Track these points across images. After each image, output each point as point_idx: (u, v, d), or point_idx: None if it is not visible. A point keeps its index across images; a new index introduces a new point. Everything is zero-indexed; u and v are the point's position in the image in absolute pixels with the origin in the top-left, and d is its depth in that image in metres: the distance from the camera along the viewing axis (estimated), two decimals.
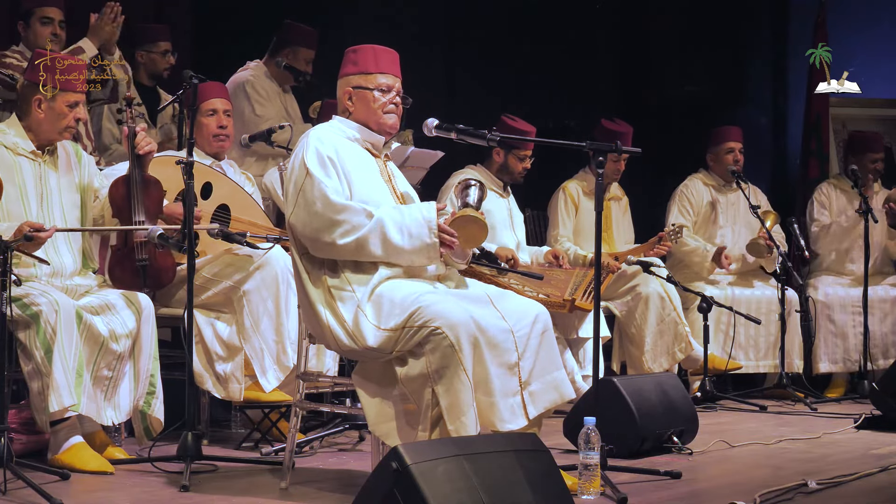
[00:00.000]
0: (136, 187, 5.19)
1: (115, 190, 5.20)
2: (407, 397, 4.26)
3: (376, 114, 4.60)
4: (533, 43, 8.63)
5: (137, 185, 5.19)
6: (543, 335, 4.38)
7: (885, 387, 6.37)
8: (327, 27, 7.33)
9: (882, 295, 7.91)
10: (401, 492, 3.29)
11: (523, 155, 6.83)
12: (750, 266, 7.92)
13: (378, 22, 7.63)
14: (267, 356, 5.54)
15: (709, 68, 9.04)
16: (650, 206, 8.14)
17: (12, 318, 4.54)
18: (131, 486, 4.64)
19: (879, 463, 5.18)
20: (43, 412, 4.78)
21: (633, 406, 5.35)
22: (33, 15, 6.12)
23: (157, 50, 6.88)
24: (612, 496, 4.36)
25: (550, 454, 3.65)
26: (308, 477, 4.81)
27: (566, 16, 8.79)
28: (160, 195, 5.29)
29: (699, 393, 7.19)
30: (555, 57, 8.71)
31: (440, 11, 8.17)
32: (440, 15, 8.20)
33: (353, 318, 4.32)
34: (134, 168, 5.19)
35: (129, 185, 5.19)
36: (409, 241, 4.34)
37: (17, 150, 5.11)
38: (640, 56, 9.23)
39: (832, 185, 8.34)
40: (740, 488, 4.48)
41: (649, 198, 8.16)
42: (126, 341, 5.00)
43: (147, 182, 5.23)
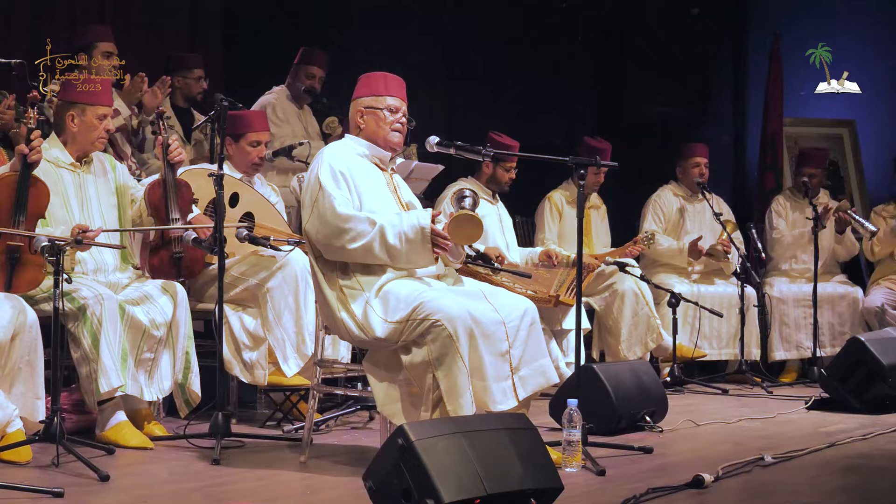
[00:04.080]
0: (169, 189, 5.20)
1: (151, 192, 5.21)
2: (411, 382, 4.27)
3: (384, 130, 4.60)
4: (523, 71, 8.63)
5: (171, 187, 5.20)
6: (531, 327, 4.37)
7: (832, 373, 6.38)
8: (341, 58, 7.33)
9: (830, 292, 7.91)
10: (406, 465, 3.28)
11: (509, 167, 6.85)
12: (714, 265, 7.92)
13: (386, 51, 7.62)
14: (288, 345, 5.54)
15: (678, 93, 9.04)
16: (626, 213, 8.13)
17: (63, 311, 4.54)
18: (169, 460, 4.64)
19: (827, 439, 5.18)
20: (92, 393, 4.78)
21: (610, 389, 5.34)
22: (95, 48, 6.08)
23: (191, 76, 6.90)
24: (592, 469, 4.36)
25: (538, 432, 3.64)
26: (324, 452, 4.82)
27: (552, 47, 8.81)
28: (190, 196, 5.32)
29: (669, 378, 7.18)
30: (543, 82, 8.71)
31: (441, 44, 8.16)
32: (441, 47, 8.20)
33: (363, 312, 4.32)
34: (168, 172, 5.20)
35: (164, 187, 5.20)
36: (406, 244, 4.33)
37: (58, 163, 5.10)
38: (618, 82, 9.23)
39: (786, 196, 8.35)
40: (705, 462, 4.48)
41: (625, 206, 8.15)
42: (164, 327, 5.01)
43: (179, 184, 5.25)
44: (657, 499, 3.87)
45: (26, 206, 4.70)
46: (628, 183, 7.96)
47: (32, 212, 4.73)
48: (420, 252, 4.34)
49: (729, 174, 8.89)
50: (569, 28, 8.94)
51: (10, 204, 4.68)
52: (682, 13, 9.07)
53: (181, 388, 5.13)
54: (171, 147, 5.19)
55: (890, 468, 4.65)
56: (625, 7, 9.10)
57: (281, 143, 6.72)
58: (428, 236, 4.32)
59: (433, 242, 4.33)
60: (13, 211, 4.69)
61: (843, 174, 9.06)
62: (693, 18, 9.14)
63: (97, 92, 5.15)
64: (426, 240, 4.32)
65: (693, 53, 9.09)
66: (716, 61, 9.31)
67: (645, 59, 9.11)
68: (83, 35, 6.21)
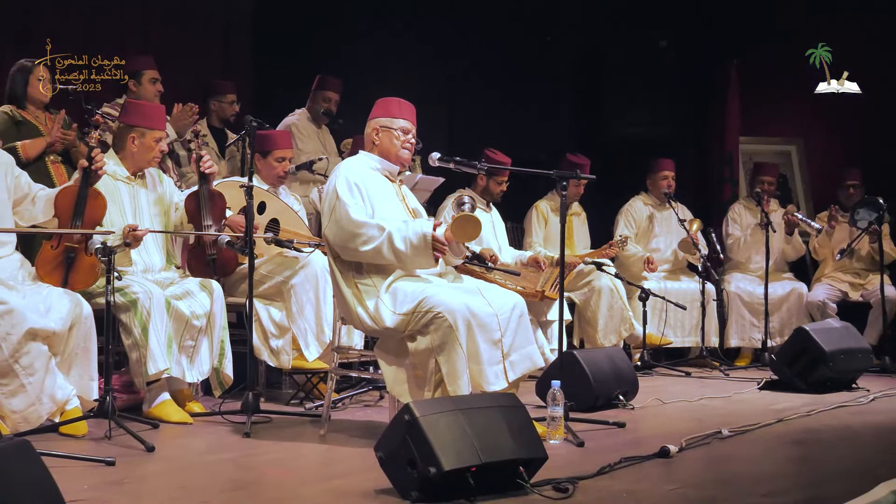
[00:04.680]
0: (204, 199, 5.21)
1: (188, 202, 5.22)
2: (416, 366, 4.28)
3: (396, 147, 4.61)
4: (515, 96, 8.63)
5: (205, 198, 5.21)
6: (520, 318, 4.38)
7: (781, 358, 6.38)
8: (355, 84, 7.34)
9: (779, 288, 7.91)
10: (412, 438, 3.30)
11: (501, 180, 6.85)
12: (680, 264, 7.93)
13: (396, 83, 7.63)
14: (309, 334, 5.54)
15: (649, 115, 9.03)
16: (602, 219, 8.13)
17: (115, 304, 4.56)
18: (206, 434, 4.66)
19: (777, 416, 5.20)
20: (141, 376, 4.80)
21: (588, 372, 5.35)
22: (143, 75, 6.08)
23: (225, 100, 6.88)
24: (573, 441, 4.38)
25: (526, 409, 3.65)
26: (341, 427, 4.83)
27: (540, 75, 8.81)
28: (223, 205, 5.31)
29: (639, 362, 7.18)
30: (531, 106, 8.71)
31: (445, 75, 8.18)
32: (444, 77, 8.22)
33: (375, 306, 4.33)
34: (202, 184, 5.21)
35: (198, 198, 5.21)
36: (410, 248, 4.33)
37: (115, 177, 5.12)
38: (596, 106, 9.21)
39: (741, 205, 8.36)
40: (671, 435, 4.48)
41: (602, 213, 8.14)
42: (203, 319, 5.02)
43: (212, 195, 5.25)
44: (629, 467, 3.89)
45: (83, 213, 4.72)
46: (605, 193, 7.95)
47: (89, 219, 4.75)
48: (422, 255, 4.35)
49: (692, 186, 8.87)
50: (554, 59, 8.96)
51: (70, 210, 4.72)
52: (653, 46, 9.11)
53: (217, 371, 5.14)
54: (202, 159, 5.21)
55: (831, 440, 4.66)
56: (602, 41, 9.12)
57: (309, 158, 6.71)
58: (430, 242, 4.33)
59: (434, 247, 4.34)
60: (72, 216, 4.71)
61: (791, 185, 9.06)
62: (661, 51, 9.15)
63: (155, 118, 5.18)
64: (428, 245, 4.33)
65: (661, 81, 9.09)
66: (681, 88, 9.31)
67: (619, 86, 9.12)
68: (132, 63, 6.21)
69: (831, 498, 3.25)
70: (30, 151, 5.24)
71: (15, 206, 4.72)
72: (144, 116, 5.16)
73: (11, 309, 4.29)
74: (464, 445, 3.32)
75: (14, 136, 5.27)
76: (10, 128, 5.30)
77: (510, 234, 7.36)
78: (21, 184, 4.73)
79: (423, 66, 8.03)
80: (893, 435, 4.77)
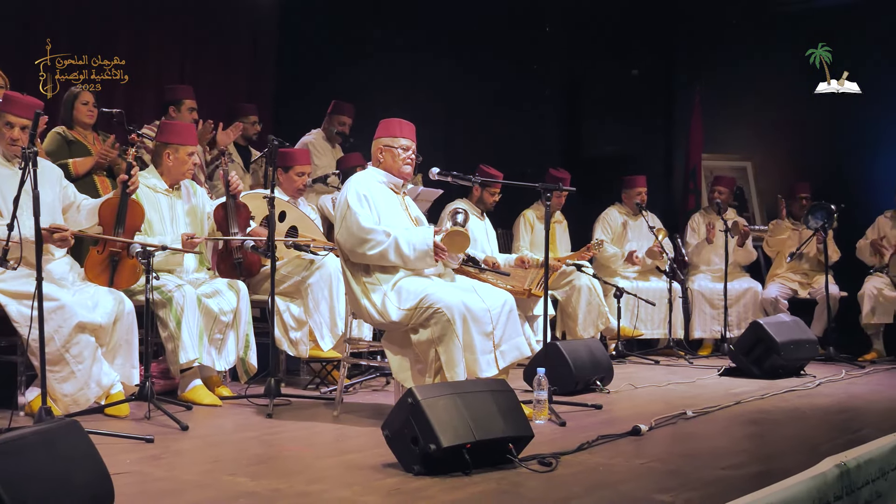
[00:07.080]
0: (230, 210, 5.22)
1: (217, 212, 5.23)
2: (418, 355, 4.29)
3: (398, 164, 4.62)
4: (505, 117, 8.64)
5: (231, 209, 5.22)
6: (510, 313, 4.39)
7: (738, 348, 6.39)
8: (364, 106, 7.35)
9: (736, 286, 7.93)
10: (414, 418, 3.30)
11: (494, 191, 6.84)
12: (649, 267, 7.94)
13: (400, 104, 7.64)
14: (324, 327, 5.55)
15: (623, 134, 9.06)
16: (582, 226, 8.15)
17: (154, 301, 4.57)
18: (233, 415, 4.65)
19: (735, 399, 5.20)
20: (175, 364, 4.81)
21: (570, 361, 5.36)
22: (183, 104, 6.07)
23: (248, 121, 6.88)
24: (556, 421, 4.38)
25: (514, 393, 3.64)
26: (352, 408, 4.83)
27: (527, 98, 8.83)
28: (248, 214, 5.32)
29: (614, 352, 7.20)
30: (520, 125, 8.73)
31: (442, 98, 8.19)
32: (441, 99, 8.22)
33: (382, 302, 4.33)
34: (229, 197, 5.22)
35: (226, 209, 5.22)
36: (414, 252, 4.34)
37: (155, 189, 5.13)
38: (577, 126, 9.25)
39: (701, 214, 8.37)
40: (642, 416, 4.49)
41: (581, 221, 8.16)
42: (230, 315, 5.03)
43: (238, 206, 5.26)
44: (605, 444, 3.89)
45: (125, 221, 4.73)
46: (584, 203, 7.96)
47: (129, 226, 4.76)
48: (424, 258, 4.37)
49: (661, 197, 8.89)
50: (539, 84, 8.98)
51: (113, 220, 4.72)
52: (626, 74, 9.14)
53: (242, 361, 5.14)
54: (231, 180, 5.21)
55: (782, 420, 4.66)
56: (582, 71, 9.14)
57: (324, 172, 6.71)
58: (431, 247, 4.34)
59: (434, 252, 4.36)
60: (115, 225, 4.72)
61: (747, 196, 9.08)
62: (634, 78, 9.17)
63: (187, 135, 5.19)
64: (429, 250, 4.35)
65: (634, 105, 9.12)
66: (651, 111, 9.34)
67: (597, 108, 9.15)
68: (173, 92, 6.21)
69: (782, 470, 3.25)
70: (80, 169, 5.27)
71: (62, 213, 4.73)
72: (177, 134, 5.17)
73: (63, 305, 4.30)
74: (460, 425, 3.32)
75: (66, 153, 5.30)
76: (62, 146, 5.33)
77: (500, 240, 7.36)
78: (68, 193, 4.75)
79: (426, 92, 8.04)
80: (837, 415, 4.77)
